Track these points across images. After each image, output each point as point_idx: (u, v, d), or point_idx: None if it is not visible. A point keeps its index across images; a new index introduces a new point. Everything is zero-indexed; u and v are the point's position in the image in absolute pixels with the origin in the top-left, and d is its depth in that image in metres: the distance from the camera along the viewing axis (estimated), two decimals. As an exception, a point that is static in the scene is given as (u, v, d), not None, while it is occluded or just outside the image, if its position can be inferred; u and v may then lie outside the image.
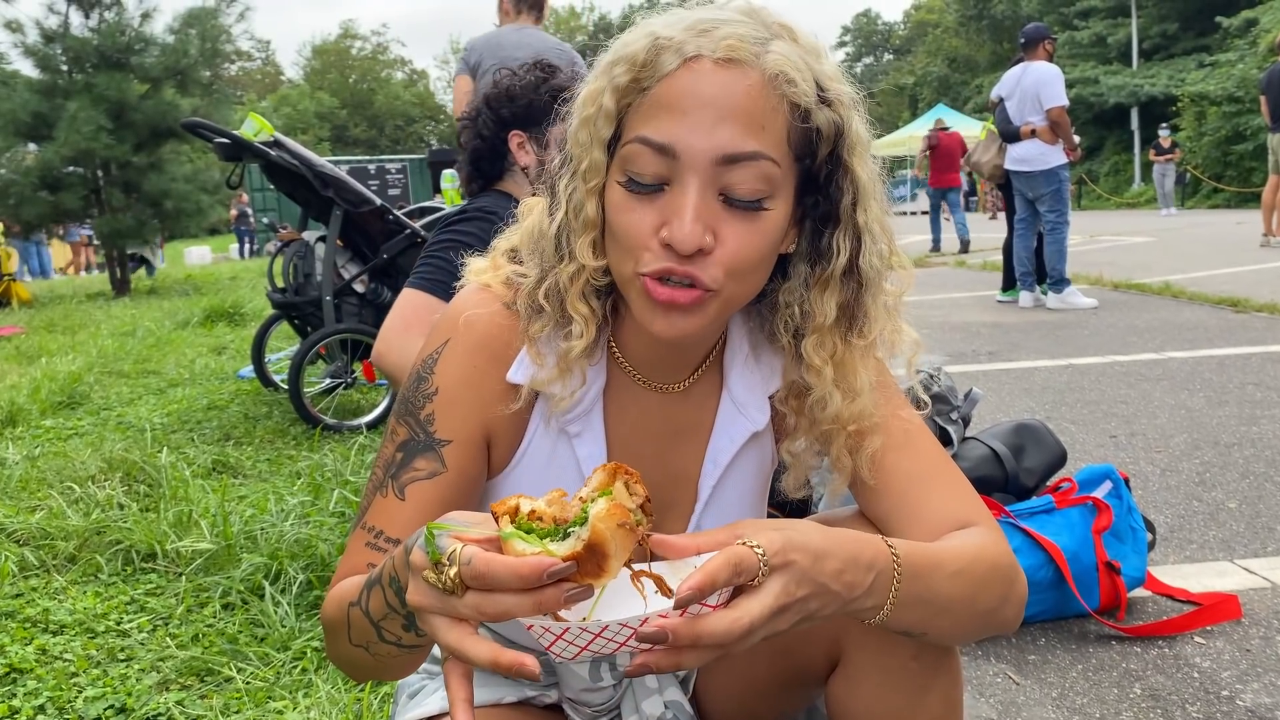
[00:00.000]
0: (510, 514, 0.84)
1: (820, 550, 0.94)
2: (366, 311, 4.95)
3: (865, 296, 1.13)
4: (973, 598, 1.08)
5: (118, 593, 2.76)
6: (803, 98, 1.02)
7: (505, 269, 1.21)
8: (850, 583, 0.95)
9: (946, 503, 1.16)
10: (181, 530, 3.02)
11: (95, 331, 8.64)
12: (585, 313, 1.13)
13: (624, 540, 0.80)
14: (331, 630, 1.11)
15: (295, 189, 4.99)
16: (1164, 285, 8.81)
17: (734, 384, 1.23)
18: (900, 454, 1.18)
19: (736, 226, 1.03)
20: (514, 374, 1.16)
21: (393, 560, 0.94)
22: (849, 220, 1.10)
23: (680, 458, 1.25)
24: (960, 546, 1.09)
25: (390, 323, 2.55)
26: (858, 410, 1.15)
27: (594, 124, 1.07)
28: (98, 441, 4.30)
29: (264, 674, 2.27)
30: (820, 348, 1.14)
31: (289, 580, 2.66)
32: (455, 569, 0.80)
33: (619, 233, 1.05)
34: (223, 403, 5.38)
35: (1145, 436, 4.18)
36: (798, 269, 1.14)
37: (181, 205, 13.59)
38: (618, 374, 1.22)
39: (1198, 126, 25.94)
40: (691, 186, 1.00)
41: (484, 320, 1.17)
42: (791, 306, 1.15)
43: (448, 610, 0.83)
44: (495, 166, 2.77)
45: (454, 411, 1.16)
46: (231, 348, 7.54)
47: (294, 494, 3.45)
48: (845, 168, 1.08)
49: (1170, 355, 5.92)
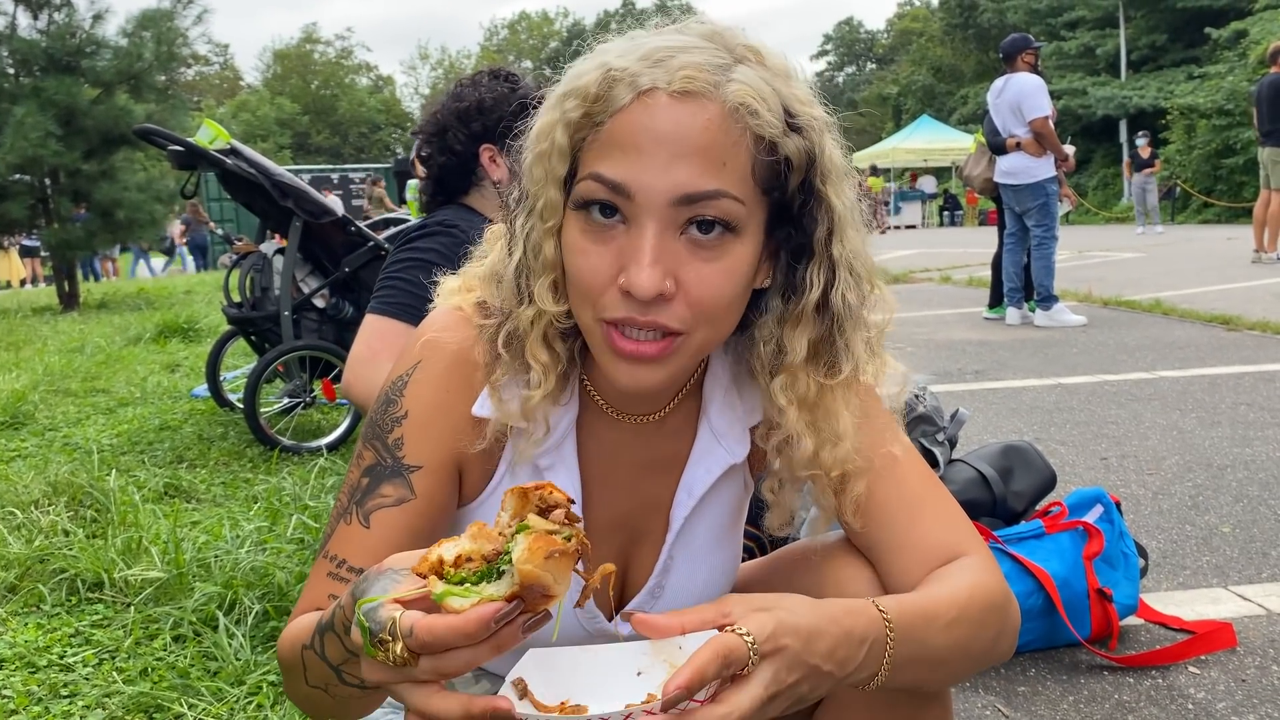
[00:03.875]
0: (435, 570, 0.84)
1: (812, 630, 0.93)
2: (327, 327, 4.92)
3: (839, 333, 1.11)
4: (968, 643, 1.08)
5: (61, 624, 2.71)
6: (767, 129, 1.00)
7: (476, 292, 1.20)
8: (843, 659, 0.95)
9: (935, 531, 1.16)
10: (130, 558, 2.98)
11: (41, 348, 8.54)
12: (545, 361, 1.11)
13: (560, 567, 0.80)
14: (288, 670, 1.09)
15: (253, 199, 4.95)
16: (1154, 302, 8.90)
17: (714, 414, 1.22)
18: (886, 483, 1.18)
19: (700, 267, 1.01)
20: (479, 408, 1.15)
21: (343, 608, 0.93)
22: (823, 253, 1.08)
23: (654, 486, 1.25)
24: (953, 591, 1.09)
25: (356, 353, 2.53)
26: (840, 455, 1.13)
27: (548, 160, 1.05)
28: (42, 464, 4.24)
29: (217, 710, 2.24)
30: (789, 388, 1.12)
31: (244, 611, 2.63)
32: (400, 644, 0.81)
33: (575, 278, 1.04)
34: (175, 423, 5.32)
35: (1136, 458, 4.21)
36: (772, 304, 1.13)
37: (134, 215, 13.46)
38: (589, 405, 1.21)
39: (1187, 139, 26.32)
40: (649, 229, 0.99)
41: (456, 344, 1.16)
42: (767, 342, 1.14)
43: (407, 678, 0.84)
44: (463, 182, 2.77)
45: (424, 436, 1.15)
46: (185, 365, 7.47)
47: (250, 519, 3.41)
48: (818, 197, 1.06)
49: (1161, 374, 5.98)
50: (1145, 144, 20.85)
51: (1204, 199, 25.37)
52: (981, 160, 8.70)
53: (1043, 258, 8.26)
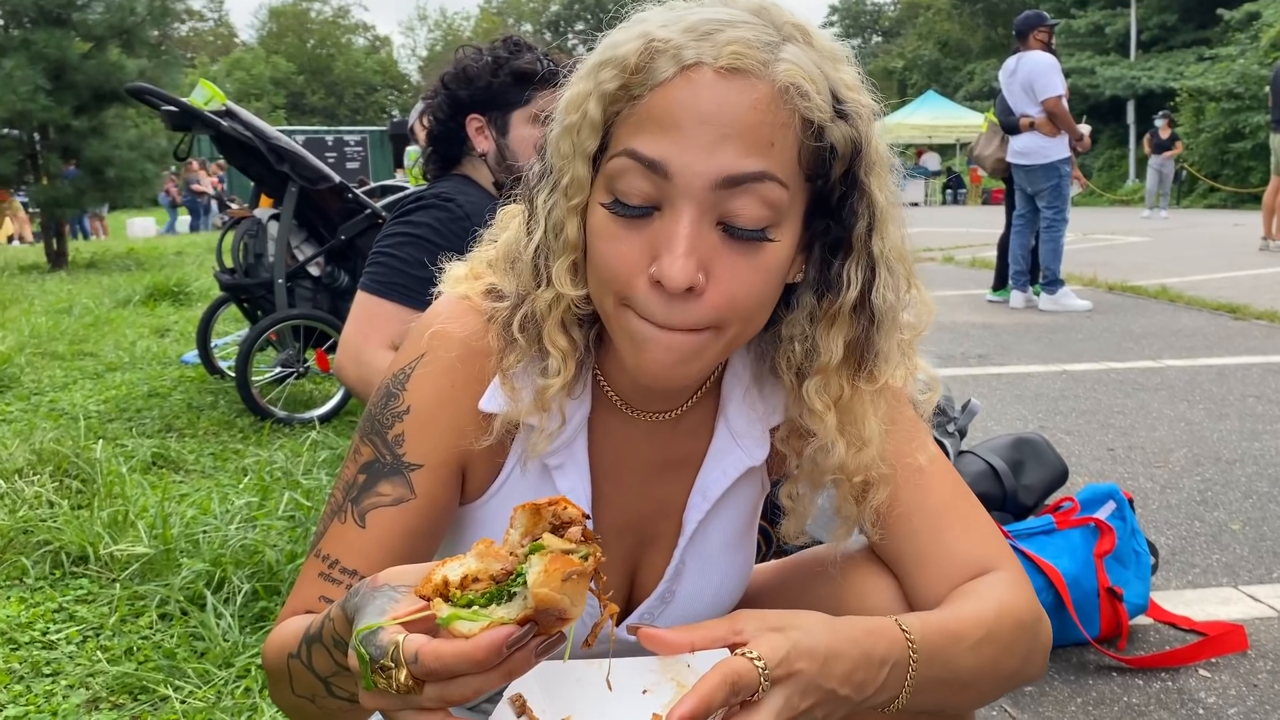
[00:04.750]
0: (439, 592, 0.78)
1: (829, 652, 0.89)
2: (321, 296, 4.85)
3: (877, 334, 1.06)
4: (996, 665, 1.04)
5: (45, 599, 2.67)
6: (816, 112, 0.94)
7: (486, 278, 1.14)
8: (861, 683, 0.91)
9: (963, 545, 1.11)
10: (116, 531, 2.93)
11: (28, 308, 8.46)
12: (564, 346, 1.06)
13: (576, 589, 0.76)
14: (273, 677, 1.05)
15: (248, 163, 4.88)
16: (1160, 289, 8.87)
17: (732, 414, 1.17)
18: (911, 492, 1.13)
19: (735, 262, 0.95)
20: (488, 403, 1.09)
21: (333, 621, 0.88)
22: (862, 249, 1.03)
23: (667, 488, 1.19)
24: (980, 610, 1.04)
25: (348, 334, 2.47)
26: (865, 461, 1.09)
27: (577, 133, 0.99)
28: (27, 430, 4.18)
29: (203, 694, 2.20)
30: (824, 390, 1.07)
31: (233, 590, 2.59)
32: (404, 671, 0.76)
33: (601, 264, 0.98)
34: (165, 390, 5.26)
35: (1144, 450, 4.18)
36: (804, 300, 1.07)
37: (125, 174, 13.33)
38: (603, 401, 1.15)
39: (1195, 122, 26.20)
40: (685, 214, 0.93)
41: (462, 336, 1.10)
42: (795, 341, 1.08)
43: (410, 705, 0.79)
44: (453, 151, 2.70)
45: (426, 433, 1.09)
46: (175, 330, 7.40)
47: (240, 493, 3.36)
48: (861, 189, 1.00)
49: (1168, 363, 5.94)
50: (1165, 124, 20.38)
51: (1210, 183, 25.30)
52: (993, 140, 8.60)
53: (1052, 240, 8.20)
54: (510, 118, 2.60)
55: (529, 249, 1.06)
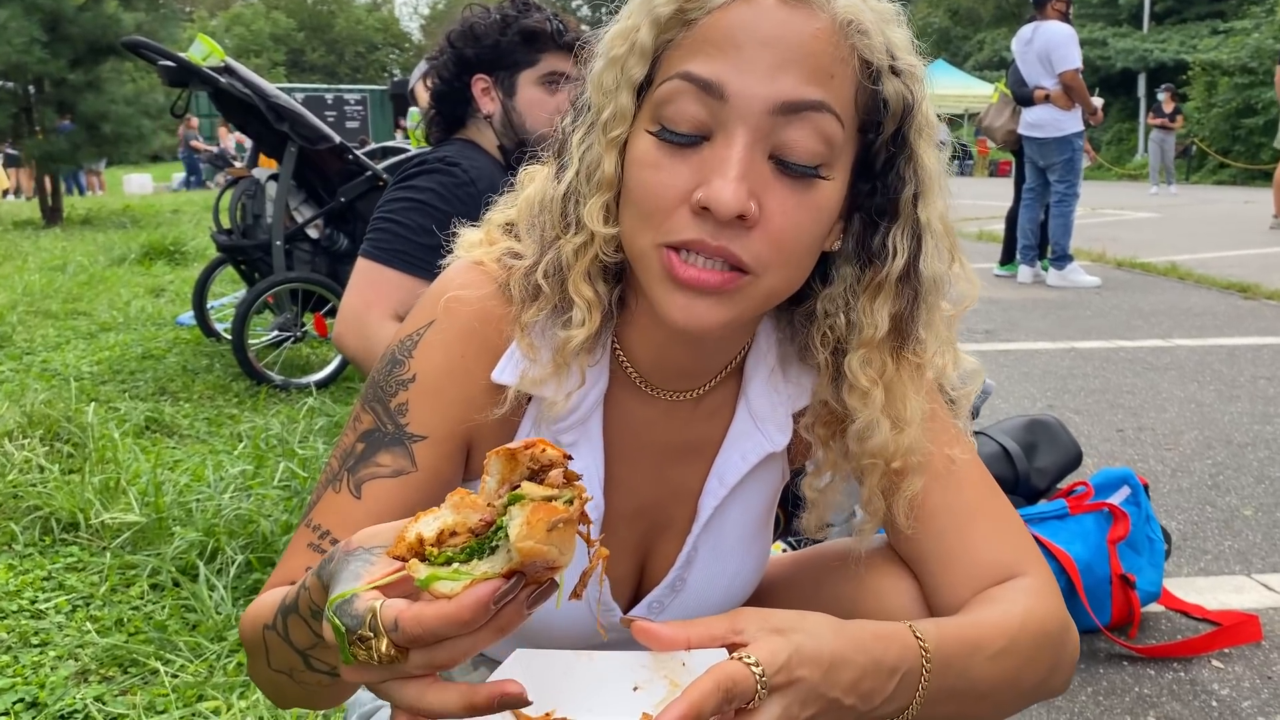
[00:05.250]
0: (415, 551, 0.73)
1: (834, 659, 0.84)
2: (320, 260, 4.79)
3: (922, 308, 1.02)
4: (1017, 677, 0.99)
5: (34, 566, 2.63)
6: (876, 54, 0.91)
7: (501, 244, 1.08)
8: (868, 692, 0.87)
9: (990, 546, 1.06)
10: (108, 498, 2.89)
11: (21, 265, 8.39)
12: (589, 296, 1.00)
13: (564, 537, 0.70)
14: (251, 650, 0.99)
15: (247, 121, 4.80)
16: (1170, 266, 8.80)
17: (754, 395, 1.12)
18: (940, 488, 1.08)
19: (785, 197, 0.91)
20: (500, 373, 1.04)
21: (309, 590, 0.82)
22: (909, 216, 0.99)
23: (682, 472, 1.14)
24: (1003, 618, 0.99)
25: (348, 303, 2.41)
26: (905, 444, 1.03)
27: (622, 64, 0.94)
28: (18, 391, 4.13)
29: (195, 668, 2.16)
30: (868, 365, 1.02)
31: (226, 561, 2.54)
32: (384, 640, 0.70)
33: (640, 194, 0.93)
34: (159, 352, 5.21)
35: (1154, 432, 4.13)
36: (842, 272, 1.02)
37: (121, 130, 13.22)
38: (620, 377, 1.10)
39: (1207, 97, 26.01)
40: (739, 138, 0.89)
41: (474, 303, 1.05)
42: (833, 316, 1.03)
43: (396, 675, 0.73)
44: (457, 112, 2.63)
45: (432, 404, 1.04)
46: (171, 290, 7.34)
47: (234, 460, 3.32)
48: (910, 152, 0.97)
49: (1177, 343, 5.89)
50: (1168, 97, 20.20)
51: (1220, 159, 25.15)
52: (1005, 111, 8.48)
53: (1062, 215, 8.12)
54: (518, 78, 2.53)
55: (559, 193, 1.01)
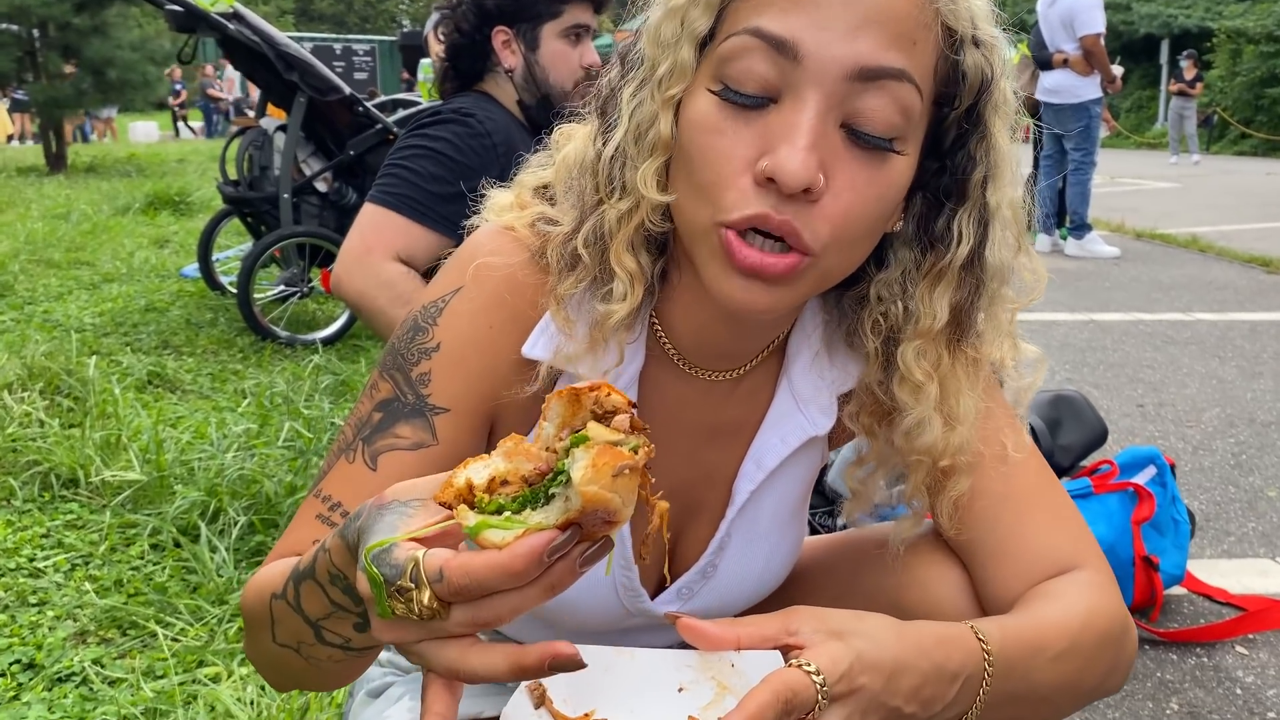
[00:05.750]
0: (464, 498, 0.67)
1: (895, 666, 0.80)
2: (328, 214, 4.73)
3: (984, 299, 0.96)
4: (1077, 679, 0.94)
5: (33, 522, 2.59)
6: (961, 22, 0.85)
7: (533, 208, 1.02)
8: (929, 699, 0.82)
9: (1045, 537, 1.01)
10: (108, 455, 2.85)
11: (24, 212, 8.33)
12: (632, 268, 0.94)
13: (627, 486, 0.65)
14: (252, 624, 0.93)
15: (255, 69, 4.72)
16: (1191, 238, 8.69)
17: (797, 376, 1.06)
18: (992, 476, 1.02)
19: (855, 172, 0.84)
20: (531, 347, 0.98)
21: (329, 553, 0.77)
22: (977, 199, 0.93)
23: (718, 455, 1.09)
24: (1065, 616, 0.94)
25: (349, 245, 2.35)
26: (955, 443, 0.98)
27: (685, 14, 0.87)
28: (19, 342, 4.09)
29: (195, 632, 2.12)
30: (922, 357, 0.96)
31: (229, 522, 2.50)
32: (427, 591, 0.64)
33: (699, 161, 0.86)
34: (163, 304, 5.16)
35: (1175, 408, 4.07)
36: (900, 255, 0.97)
37: (126, 76, 13.09)
38: (657, 354, 1.04)
39: (1231, 65, 25.64)
40: (810, 104, 0.82)
41: (504, 270, 0.99)
42: (887, 303, 0.97)
43: (434, 633, 0.68)
44: (475, 66, 2.55)
45: (456, 374, 0.98)
46: (175, 241, 7.28)
47: (238, 418, 3.28)
48: (984, 131, 0.90)
49: (1199, 317, 5.81)
50: (1190, 64, 19.90)
51: (1242, 129, 24.85)
52: (1024, 74, 8.32)
53: (1080, 183, 8.01)
54: (541, 31, 2.45)
55: (604, 154, 0.94)
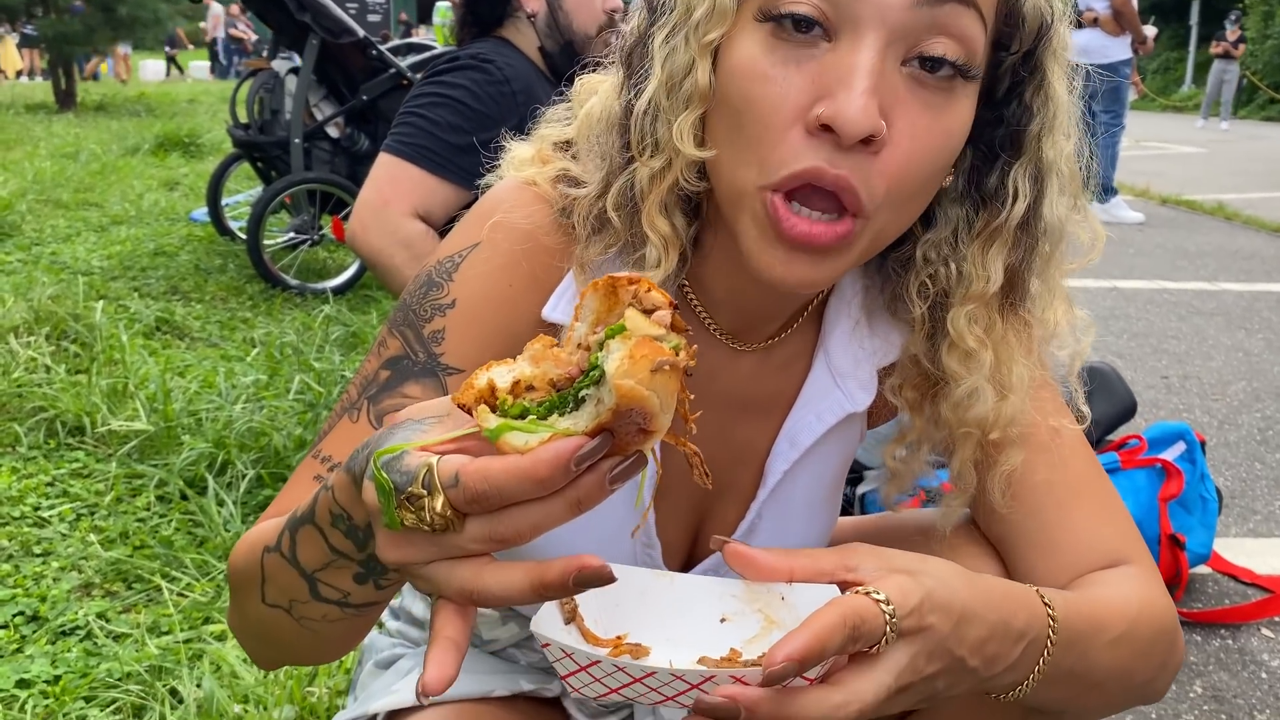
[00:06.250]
0: (485, 399, 0.61)
1: (965, 611, 0.74)
2: (340, 160, 4.66)
3: (1038, 260, 0.90)
4: (1130, 670, 0.89)
5: (38, 470, 2.56)
6: None
7: (556, 164, 0.96)
8: (993, 656, 0.77)
9: (1094, 529, 0.96)
10: (115, 403, 2.81)
11: (33, 150, 8.26)
12: (666, 232, 0.88)
13: (666, 387, 0.58)
14: (240, 585, 0.87)
15: (267, 10, 4.63)
16: (1217, 205, 8.57)
17: (835, 348, 1.00)
18: (1040, 459, 0.97)
19: (917, 116, 0.78)
20: (552, 309, 0.93)
21: (332, 490, 0.71)
22: (1033, 152, 0.87)
23: (748, 430, 1.04)
24: (1122, 602, 0.90)
25: (365, 198, 2.30)
26: (1007, 413, 0.92)
27: None
28: (25, 284, 4.04)
29: (201, 588, 2.10)
30: (975, 323, 0.90)
31: (236, 475, 2.47)
32: (440, 498, 0.59)
33: (744, 112, 0.79)
34: (171, 249, 5.11)
35: (1200, 380, 4.01)
36: (950, 213, 0.91)
37: (137, 12, 12.95)
38: (687, 319, 0.98)
39: (1263, 28, 25.22)
40: (870, 40, 0.75)
41: (525, 228, 0.93)
42: (935, 265, 0.91)
43: (446, 550, 0.62)
44: (494, 10, 2.48)
45: (471, 333, 0.93)
46: (185, 184, 7.22)
47: (247, 368, 3.24)
48: (1041, 78, 0.84)
49: (1224, 287, 5.73)
50: (1235, 27, 19.50)
51: (1271, 94, 24.48)
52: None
53: (1107, 146, 7.88)
54: None
55: (636, 108, 0.87)
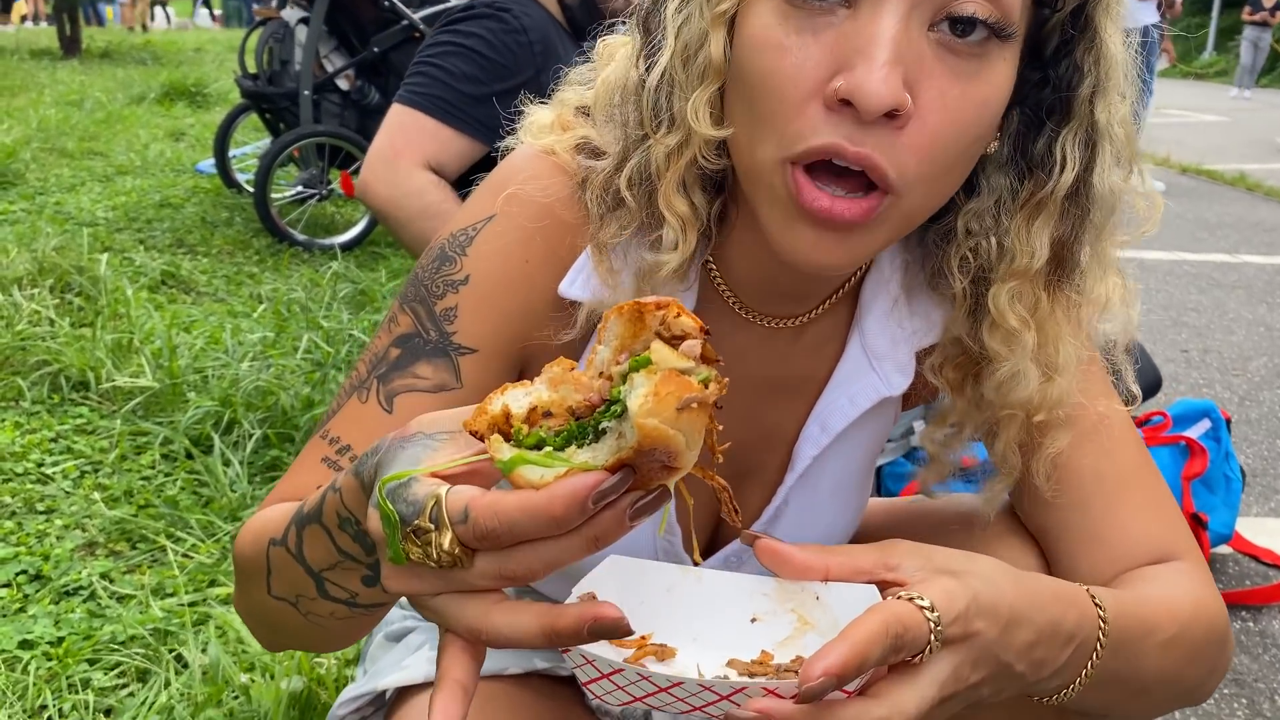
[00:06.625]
0: (498, 427, 0.58)
1: (1013, 615, 0.71)
2: (349, 113, 4.60)
3: (1089, 233, 0.85)
4: (1180, 673, 0.86)
5: (41, 425, 2.54)
6: None
7: (577, 131, 0.91)
8: (1041, 660, 0.73)
9: (1142, 523, 0.92)
10: (120, 358, 2.78)
11: (37, 97, 8.18)
12: (683, 211, 0.84)
13: (693, 424, 0.54)
14: (245, 572, 0.85)
15: (276, -43, 4.57)
16: (1238, 175, 8.46)
17: (871, 330, 0.96)
18: (1087, 448, 0.93)
19: (947, 86, 0.73)
20: (569, 286, 0.89)
21: (340, 492, 0.69)
22: (1084, 116, 0.81)
23: (777, 413, 0.99)
24: (1174, 602, 0.86)
25: (377, 148, 2.25)
26: (1054, 395, 0.88)
27: None
28: (29, 234, 3.99)
29: (206, 549, 2.07)
30: (1017, 300, 0.86)
31: (243, 435, 2.44)
32: (448, 534, 0.55)
33: (760, 87, 0.75)
34: (177, 200, 5.06)
35: (1220, 355, 3.97)
36: (994, 182, 0.86)
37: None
38: (711, 297, 0.94)
39: (1289, -5, 24.83)
40: (890, 6, 0.71)
41: (543, 200, 0.89)
42: (978, 237, 0.86)
43: (453, 585, 0.58)
44: None
45: (486, 312, 0.89)
46: (191, 134, 7.15)
47: (254, 325, 3.20)
48: (1093, 36, 0.79)
49: (1245, 259, 5.66)
50: None
51: (1296, 63, 24.16)
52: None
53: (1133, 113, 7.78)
54: None
55: (649, 80, 0.83)
